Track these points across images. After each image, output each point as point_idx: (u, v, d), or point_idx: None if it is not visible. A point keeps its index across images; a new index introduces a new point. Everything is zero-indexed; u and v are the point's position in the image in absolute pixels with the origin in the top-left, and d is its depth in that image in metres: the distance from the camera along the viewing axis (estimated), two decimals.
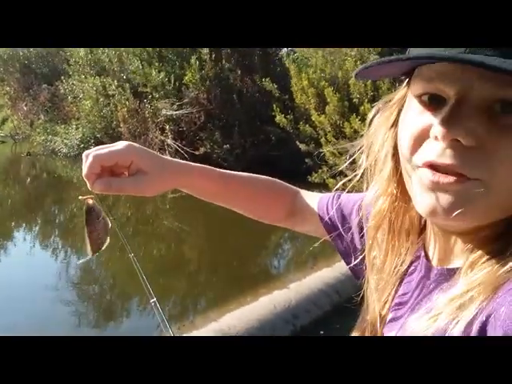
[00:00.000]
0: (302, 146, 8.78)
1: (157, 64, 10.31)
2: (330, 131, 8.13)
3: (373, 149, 0.61)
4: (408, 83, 0.54)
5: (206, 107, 10.12)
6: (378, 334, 0.60)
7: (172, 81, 10.15)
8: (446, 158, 0.45)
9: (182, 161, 0.78)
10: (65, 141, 12.18)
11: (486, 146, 0.44)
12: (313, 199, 0.85)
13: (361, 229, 0.73)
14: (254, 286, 4.11)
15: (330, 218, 0.79)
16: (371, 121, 0.61)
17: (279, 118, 8.95)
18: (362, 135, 0.64)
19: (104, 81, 11.26)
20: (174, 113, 10.15)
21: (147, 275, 0.84)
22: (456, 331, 0.42)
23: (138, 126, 10.53)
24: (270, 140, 9.89)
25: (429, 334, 0.45)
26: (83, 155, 0.67)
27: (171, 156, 10.19)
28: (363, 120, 7.66)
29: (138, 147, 0.70)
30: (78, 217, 7.32)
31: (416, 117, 0.49)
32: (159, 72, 10.19)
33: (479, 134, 0.44)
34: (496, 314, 0.40)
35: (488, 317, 0.41)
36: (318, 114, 8.24)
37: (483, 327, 0.41)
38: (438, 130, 0.45)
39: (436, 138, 0.46)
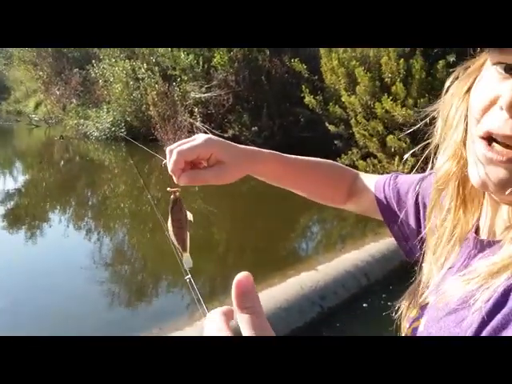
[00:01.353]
0: (332, 128, 8.66)
1: None
2: (360, 112, 7.99)
3: (447, 114, 0.60)
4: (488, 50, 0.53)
5: (235, 89, 10.09)
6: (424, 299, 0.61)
7: (200, 63, 10.15)
8: (506, 129, 0.45)
9: (255, 148, 0.81)
10: (96, 124, 12.42)
11: None
12: (371, 180, 0.85)
13: (417, 208, 0.72)
14: (282, 267, 4.12)
15: (385, 198, 0.79)
16: (448, 87, 0.61)
17: (308, 99, 8.84)
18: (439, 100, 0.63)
19: (134, 64, 11.37)
20: (203, 95, 10.17)
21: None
22: (482, 299, 0.43)
23: (168, 109, 10.61)
24: (299, 122, 9.80)
25: (458, 296, 0.46)
26: (167, 151, 0.71)
27: None
28: (395, 100, 7.48)
29: (216, 140, 0.74)
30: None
31: (488, 85, 0.49)
32: (188, 55, 10.20)
33: None
34: None
35: None
36: (349, 95, 8.09)
37: (507, 291, 0.42)
38: (503, 99, 0.45)
39: (501, 107, 0.46)
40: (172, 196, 0.76)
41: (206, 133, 10.03)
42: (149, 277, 4.62)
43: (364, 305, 3.54)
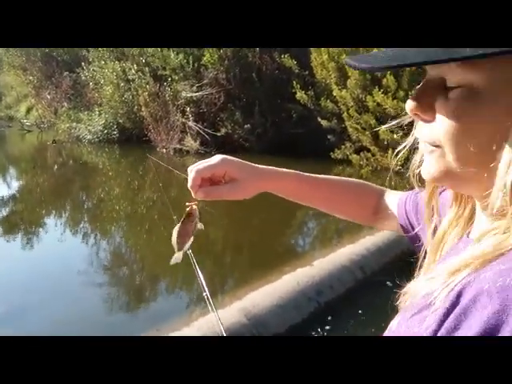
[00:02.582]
0: (324, 123, 8.67)
1: None
2: (352, 106, 8.00)
3: None
4: None
5: (226, 87, 10.07)
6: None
7: (191, 62, 10.12)
8: (418, 132, 0.53)
9: (272, 167, 0.86)
10: (88, 127, 12.36)
11: (439, 118, 0.49)
12: (395, 197, 0.88)
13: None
14: (278, 264, 4.13)
15: (405, 212, 0.82)
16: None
17: (300, 94, 8.84)
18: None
19: (124, 65, 11.31)
20: (194, 94, 10.14)
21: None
22: (440, 297, 0.44)
23: (159, 110, 10.57)
24: (291, 118, 9.80)
25: (421, 294, 0.48)
26: (188, 170, 0.80)
27: (193, 138, 10.23)
28: (386, 93, 7.49)
29: (230, 159, 0.81)
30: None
31: None
32: (177, 54, 10.16)
33: (435, 108, 0.49)
34: (483, 278, 0.42)
35: (468, 283, 0.43)
36: (340, 89, 8.10)
37: (461, 290, 0.43)
38: (407, 107, 0.52)
39: None
40: (188, 209, 0.85)
41: (198, 132, 10.03)
42: (146, 279, 4.62)
43: (361, 301, 3.56)
